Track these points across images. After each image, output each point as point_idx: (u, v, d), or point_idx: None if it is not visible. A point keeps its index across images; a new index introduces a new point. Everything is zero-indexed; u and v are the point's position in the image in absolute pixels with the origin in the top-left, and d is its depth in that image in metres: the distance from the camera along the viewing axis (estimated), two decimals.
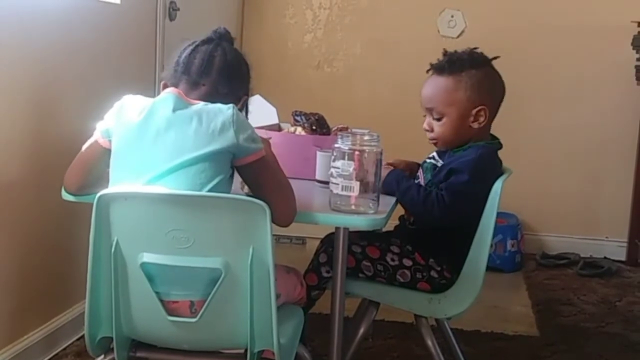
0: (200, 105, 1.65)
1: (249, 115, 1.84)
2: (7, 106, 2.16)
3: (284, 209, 1.64)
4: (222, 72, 1.73)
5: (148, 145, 1.62)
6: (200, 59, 1.73)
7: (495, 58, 2.06)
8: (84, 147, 1.76)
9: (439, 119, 2.04)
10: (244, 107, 1.81)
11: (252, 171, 1.66)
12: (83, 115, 1.73)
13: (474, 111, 2.00)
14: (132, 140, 1.64)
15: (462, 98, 2.00)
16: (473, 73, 2.00)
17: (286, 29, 4.19)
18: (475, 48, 2.07)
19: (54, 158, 2.27)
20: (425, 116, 2.09)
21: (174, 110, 1.63)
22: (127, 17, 2.83)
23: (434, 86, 2.04)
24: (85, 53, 2.54)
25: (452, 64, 2.01)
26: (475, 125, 2.01)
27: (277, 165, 1.74)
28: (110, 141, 1.68)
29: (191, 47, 1.76)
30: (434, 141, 2.09)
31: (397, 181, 1.96)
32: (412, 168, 2.19)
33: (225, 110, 1.61)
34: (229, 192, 1.65)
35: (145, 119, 1.63)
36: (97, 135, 1.72)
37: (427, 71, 2.07)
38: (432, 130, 2.06)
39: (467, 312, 2.04)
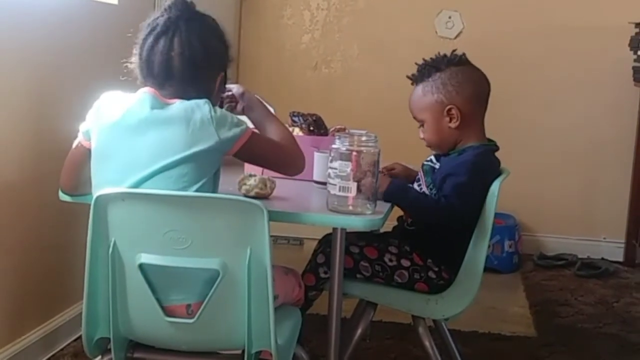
0: (176, 104, 1.62)
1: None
2: (6, 108, 2.16)
3: (293, 160, 1.78)
4: (184, 75, 1.66)
5: (127, 148, 1.60)
6: (158, 62, 1.65)
7: (462, 56, 2.09)
8: (73, 147, 1.75)
9: (422, 126, 2.10)
10: (222, 85, 1.76)
11: (246, 151, 1.66)
12: (81, 116, 1.73)
13: (444, 111, 2.04)
14: (111, 142, 1.63)
15: (431, 101, 2.05)
16: (437, 76, 2.06)
17: (284, 30, 4.19)
18: (454, 50, 2.10)
19: (52, 159, 2.25)
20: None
21: (152, 110, 1.61)
22: (125, 18, 2.83)
23: (412, 97, 2.12)
24: (84, 54, 2.53)
25: (421, 72, 2.09)
26: (452, 124, 2.04)
27: (271, 121, 1.85)
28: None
29: (150, 42, 1.67)
30: (428, 147, 2.14)
31: (404, 190, 1.96)
32: (410, 175, 2.19)
33: (202, 106, 1.59)
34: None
35: (123, 120, 1.62)
36: (80, 136, 1.71)
37: (411, 84, 2.14)
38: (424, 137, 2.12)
39: (465, 313, 2.04)
